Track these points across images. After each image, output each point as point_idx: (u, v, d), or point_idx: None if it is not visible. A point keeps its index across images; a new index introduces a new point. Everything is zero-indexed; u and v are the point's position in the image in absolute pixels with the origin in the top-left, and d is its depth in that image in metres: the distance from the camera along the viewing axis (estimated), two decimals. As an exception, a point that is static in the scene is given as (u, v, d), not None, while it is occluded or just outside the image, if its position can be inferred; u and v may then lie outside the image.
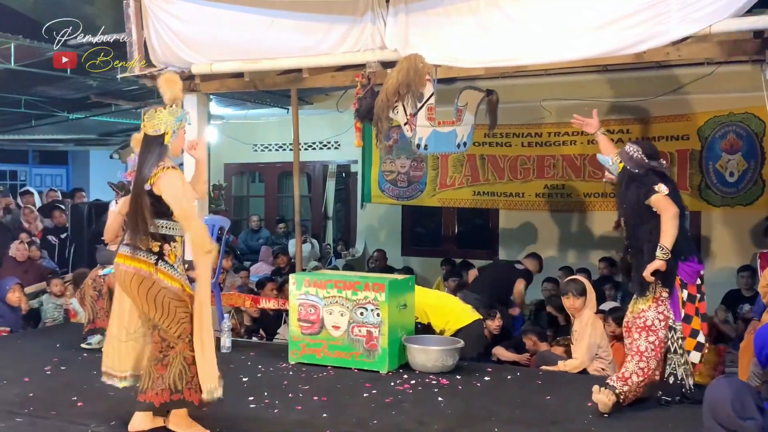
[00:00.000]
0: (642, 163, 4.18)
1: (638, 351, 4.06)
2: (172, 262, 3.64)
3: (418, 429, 3.85)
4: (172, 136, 3.65)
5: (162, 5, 6.21)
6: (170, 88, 3.71)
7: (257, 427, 3.85)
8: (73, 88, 8.50)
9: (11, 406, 4.14)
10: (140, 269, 3.56)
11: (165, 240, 3.62)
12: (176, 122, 3.66)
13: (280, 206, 11.92)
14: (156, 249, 3.59)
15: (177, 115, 3.68)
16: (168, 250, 3.62)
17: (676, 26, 4.61)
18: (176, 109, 3.70)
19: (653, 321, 4.07)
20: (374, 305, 4.98)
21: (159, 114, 3.67)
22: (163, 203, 3.56)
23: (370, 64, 5.65)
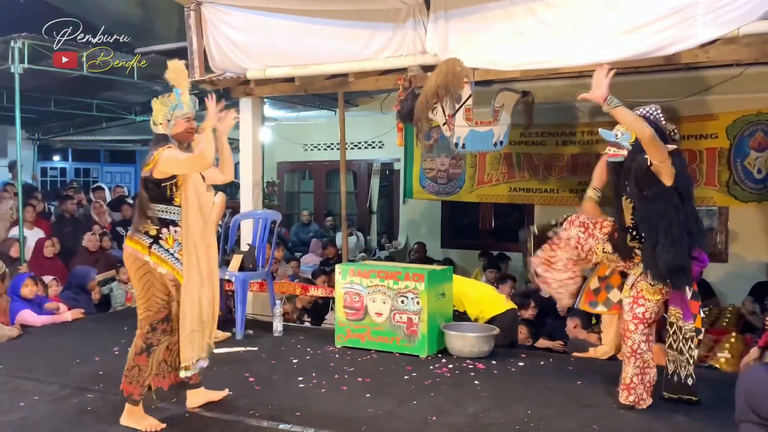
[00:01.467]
0: (660, 125, 3.62)
1: (633, 350, 3.76)
2: (168, 246, 3.52)
3: (455, 410, 3.84)
4: (168, 126, 3.54)
5: (220, 15, 6.29)
6: (175, 77, 3.60)
7: (306, 405, 3.89)
8: (140, 93, 8.69)
9: (83, 382, 4.25)
10: (136, 250, 3.49)
11: (164, 224, 3.52)
12: (170, 111, 3.53)
13: (328, 201, 11.98)
14: (153, 233, 3.50)
15: (170, 104, 3.54)
16: (166, 234, 3.52)
17: (705, 29, 4.50)
18: (169, 99, 3.56)
19: (652, 313, 3.75)
20: (414, 294, 4.98)
21: (154, 104, 3.58)
22: (161, 187, 3.49)
23: (411, 68, 5.64)
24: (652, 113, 3.71)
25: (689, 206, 3.65)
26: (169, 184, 3.51)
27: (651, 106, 3.79)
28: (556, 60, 5.15)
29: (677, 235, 3.55)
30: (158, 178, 3.47)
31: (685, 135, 7.92)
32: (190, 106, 3.60)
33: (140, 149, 14.35)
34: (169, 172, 3.47)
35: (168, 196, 3.52)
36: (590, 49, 4.94)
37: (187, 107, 3.57)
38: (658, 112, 3.73)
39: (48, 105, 9.19)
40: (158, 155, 3.43)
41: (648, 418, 3.71)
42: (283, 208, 11.38)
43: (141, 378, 3.52)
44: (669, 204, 3.56)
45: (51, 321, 5.90)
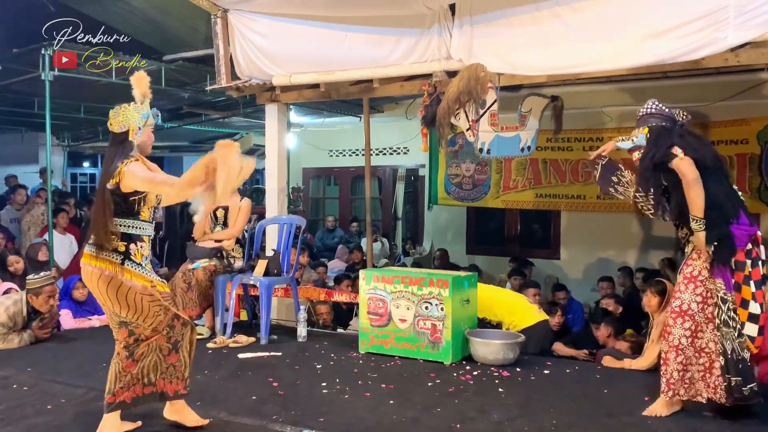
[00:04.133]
0: (664, 113, 3.77)
1: (673, 345, 3.66)
2: (139, 260, 3.39)
3: (479, 417, 3.81)
4: (137, 133, 3.41)
5: (246, 22, 6.35)
6: (139, 85, 3.49)
7: (330, 410, 3.88)
8: (168, 100, 8.79)
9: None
10: (104, 269, 3.31)
11: (131, 240, 3.38)
12: (142, 119, 3.44)
13: (353, 207, 12.00)
14: (122, 249, 3.35)
15: (142, 112, 3.45)
16: (134, 249, 3.38)
17: (735, 32, 4.42)
18: (142, 106, 3.46)
19: (689, 304, 3.64)
20: (438, 300, 4.96)
21: (124, 111, 3.44)
22: (129, 201, 3.34)
23: (436, 74, 5.64)
24: (653, 107, 3.85)
25: (713, 179, 3.61)
26: (137, 198, 3.37)
27: (648, 102, 3.91)
28: (582, 65, 5.11)
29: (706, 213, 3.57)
30: (125, 192, 3.32)
31: (714, 141, 7.79)
32: (156, 117, 3.61)
33: (168, 155, 14.54)
34: (133, 188, 3.31)
35: (135, 211, 3.39)
36: (617, 53, 4.89)
37: (153, 118, 3.55)
38: (656, 104, 3.87)
39: (78, 112, 9.34)
40: (123, 167, 3.27)
41: (676, 427, 3.64)
42: (308, 214, 11.43)
43: (179, 373, 3.52)
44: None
45: (80, 325, 5.98)
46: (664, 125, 3.76)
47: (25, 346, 5.30)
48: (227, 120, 10.26)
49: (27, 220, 8.50)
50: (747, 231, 3.62)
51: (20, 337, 5.32)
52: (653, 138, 3.74)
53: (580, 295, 8.05)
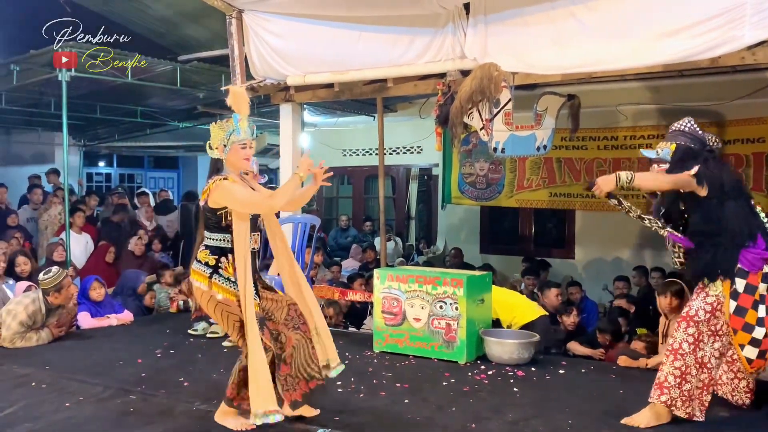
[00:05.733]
0: (696, 134, 3.71)
1: (673, 349, 3.58)
2: (229, 275, 3.44)
3: (494, 417, 3.80)
4: (223, 151, 3.47)
5: (261, 23, 6.37)
6: (233, 102, 3.55)
7: (345, 409, 3.89)
8: (183, 100, 8.84)
9: (126, 384, 4.32)
10: (199, 282, 3.47)
11: (222, 253, 3.46)
12: (226, 137, 3.46)
13: (367, 207, 12.01)
14: (212, 262, 3.45)
15: (227, 130, 3.48)
16: (225, 263, 3.45)
17: (751, 31, 4.39)
18: (227, 123, 3.50)
19: (697, 311, 3.58)
20: (453, 299, 4.95)
21: (212, 129, 3.54)
22: (219, 216, 3.43)
23: (450, 73, 5.64)
24: (687, 126, 3.78)
25: (730, 206, 3.59)
26: (224, 212, 3.44)
27: (684, 119, 3.83)
28: (597, 63, 5.09)
29: (716, 240, 3.58)
30: (213, 207, 3.43)
31: (731, 139, 7.76)
32: (248, 132, 3.52)
33: (183, 155, 14.62)
34: (222, 204, 3.41)
35: (224, 225, 3.45)
36: (633, 52, 4.87)
37: (244, 133, 3.50)
38: (692, 124, 3.79)
39: (94, 112, 9.41)
40: (213, 185, 3.40)
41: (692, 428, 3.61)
42: (322, 213, 11.44)
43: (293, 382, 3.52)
44: (705, 211, 3.61)
45: (98, 324, 6.03)
46: (692, 146, 3.70)
47: (43, 345, 5.36)
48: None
49: (44, 219, 8.57)
50: (761, 254, 3.59)
51: (38, 335, 5.38)
52: (678, 157, 3.68)
53: (596, 294, 8.02)
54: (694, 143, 3.71)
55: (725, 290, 3.59)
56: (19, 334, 5.30)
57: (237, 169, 3.52)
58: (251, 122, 3.58)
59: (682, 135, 3.75)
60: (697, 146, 3.72)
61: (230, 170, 3.49)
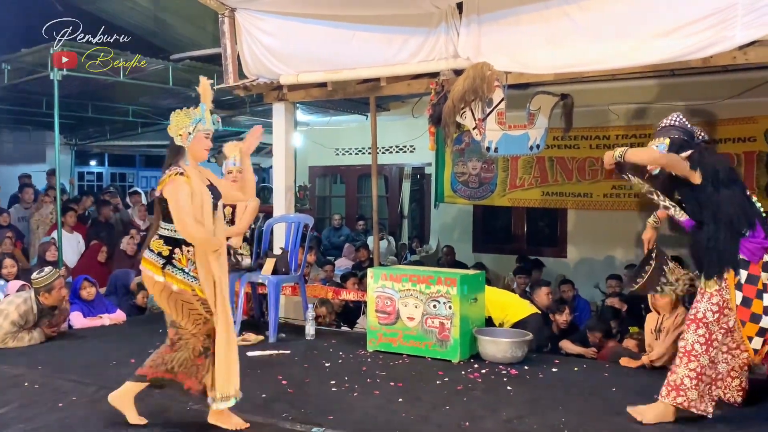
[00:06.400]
0: (686, 128, 3.76)
1: (686, 351, 3.60)
2: (182, 265, 3.41)
3: (488, 415, 3.82)
4: (187, 139, 3.44)
5: (254, 22, 6.36)
6: (204, 93, 3.54)
7: (339, 409, 3.89)
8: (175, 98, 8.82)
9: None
10: (151, 272, 3.44)
11: (176, 244, 3.42)
12: (191, 124, 3.44)
13: (360, 206, 12.02)
14: (166, 253, 3.42)
15: (193, 117, 3.45)
16: (178, 254, 3.42)
17: (743, 30, 4.41)
18: (194, 111, 3.47)
19: (705, 313, 3.59)
20: (446, 298, 4.97)
21: (176, 116, 3.48)
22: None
23: (443, 72, 5.64)
24: (677, 120, 3.83)
25: (725, 194, 3.61)
26: None
27: (673, 114, 3.87)
28: (590, 63, 5.10)
29: (713, 228, 3.60)
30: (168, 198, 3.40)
31: (722, 138, 7.80)
32: (212, 123, 3.53)
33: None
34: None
35: None
36: (625, 52, 4.89)
37: (209, 124, 3.51)
38: (681, 118, 3.84)
39: (85, 111, 9.37)
40: (168, 178, 3.38)
41: (685, 425, 3.64)
42: (315, 212, 11.44)
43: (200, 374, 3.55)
44: (700, 199, 3.64)
45: (90, 324, 6.01)
46: (684, 139, 3.74)
47: (35, 344, 5.33)
48: (234, 119, 10.28)
49: (36, 219, 8.54)
50: (761, 243, 3.58)
51: (30, 335, 5.35)
52: (674, 151, 3.70)
53: (588, 293, 8.05)
54: (686, 136, 3.76)
55: (730, 282, 3.58)
56: (11, 334, 5.28)
57: (197, 158, 3.53)
58: (214, 116, 3.59)
59: (674, 129, 3.79)
60: (688, 138, 3.77)
61: (189, 160, 3.49)
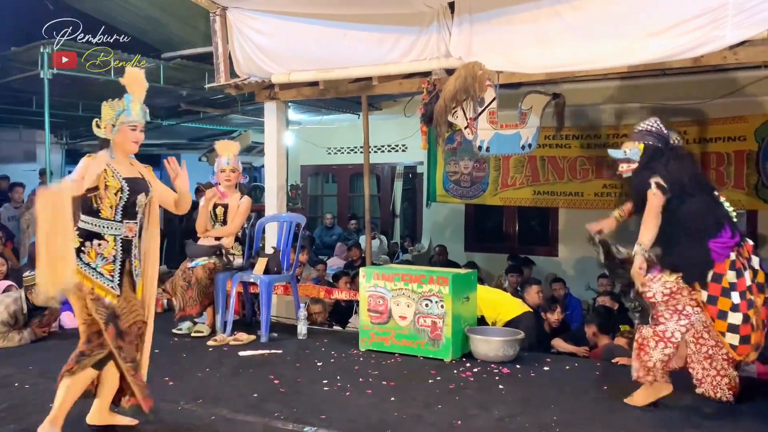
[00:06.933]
0: (662, 134, 3.86)
1: (665, 337, 3.76)
2: (90, 260, 3.28)
3: (480, 414, 3.82)
4: (111, 131, 3.36)
5: (245, 20, 6.34)
6: (130, 83, 3.42)
7: (331, 408, 3.89)
8: (166, 97, 8.78)
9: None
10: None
11: (88, 237, 3.30)
12: (115, 116, 3.35)
13: (352, 205, 12.01)
14: (77, 244, 3.26)
15: (117, 109, 3.36)
16: (88, 247, 3.28)
17: (734, 30, 4.42)
18: (119, 103, 3.37)
19: (654, 294, 3.79)
20: (438, 297, 4.97)
21: (103, 108, 3.39)
22: (87, 198, 3.30)
23: (435, 72, 5.64)
24: (653, 126, 3.93)
25: (692, 203, 3.74)
26: (92, 195, 3.31)
27: (651, 119, 3.98)
28: (581, 62, 5.11)
29: (678, 238, 3.75)
30: (86, 188, 3.26)
31: (712, 137, 7.84)
32: (139, 114, 3.41)
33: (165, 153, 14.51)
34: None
35: (93, 208, 3.32)
36: (617, 51, 4.90)
37: (136, 115, 3.39)
38: (658, 124, 3.94)
39: (76, 110, 9.32)
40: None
41: (677, 423, 3.66)
42: (307, 211, 11.43)
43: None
44: (669, 212, 3.74)
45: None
46: (658, 146, 3.85)
47: (25, 344, 5.30)
48: (226, 117, 10.26)
49: (26, 218, 8.48)
50: (727, 243, 3.69)
51: (21, 335, 5.32)
52: (646, 158, 3.86)
53: (579, 291, 8.07)
54: (660, 143, 3.86)
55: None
56: (1, 334, 5.24)
57: (125, 151, 3.44)
58: (143, 105, 3.45)
59: (649, 135, 3.89)
60: (663, 145, 3.86)
61: (117, 152, 3.39)
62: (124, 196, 3.36)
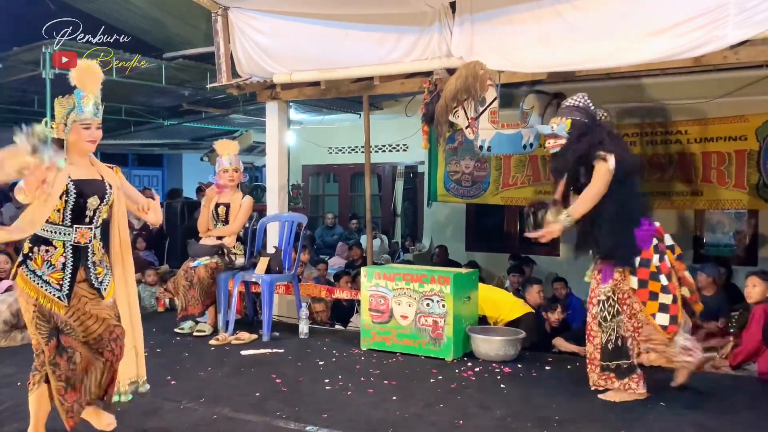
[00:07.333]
0: (589, 110, 3.94)
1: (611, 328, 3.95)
2: (36, 267, 3.05)
3: (481, 413, 3.83)
4: (63, 130, 3.08)
5: (247, 20, 6.34)
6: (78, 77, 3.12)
7: (332, 407, 3.90)
8: (168, 97, 8.79)
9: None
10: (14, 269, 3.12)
11: (37, 242, 3.07)
12: (65, 114, 3.08)
13: (353, 204, 12.01)
14: (26, 250, 3.09)
15: (67, 107, 3.09)
16: (36, 253, 3.06)
17: (735, 30, 4.41)
18: (69, 99, 3.10)
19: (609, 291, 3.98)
20: (440, 297, 4.97)
21: (56, 106, 3.12)
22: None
23: (436, 71, 5.64)
24: (581, 101, 3.99)
25: (628, 187, 3.85)
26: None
27: (578, 94, 4.05)
28: (582, 62, 5.12)
29: (614, 217, 3.84)
30: None
31: (713, 137, 7.83)
32: (92, 111, 3.11)
33: (167, 153, 14.55)
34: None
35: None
36: (617, 51, 4.90)
37: (88, 112, 3.10)
38: (586, 99, 4.02)
39: (78, 110, 9.30)
40: None
41: (678, 422, 3.67)
42: (308, 211, 11.44)
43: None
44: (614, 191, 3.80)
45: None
46: (585, 121, 3.91)
47: (27, 344, 5.30)
48: (227, 117, 10.26)
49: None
50: (649, 230, 3.87)
51: (23, 334, 5.33)
52: (576, 133, 3.89)
53: (581, 291, 8.06)
54: (588, 119, 3.92)
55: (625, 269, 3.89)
56: (4, 333, 5.26)
57: (81, 151, 3.15)
58: (97, 100, 3.15)
59: (576, 110, 3.94)
60: (590, 122, 3.93)
61: (72, 153, 3.11)
62: (71, 200, 3.07)
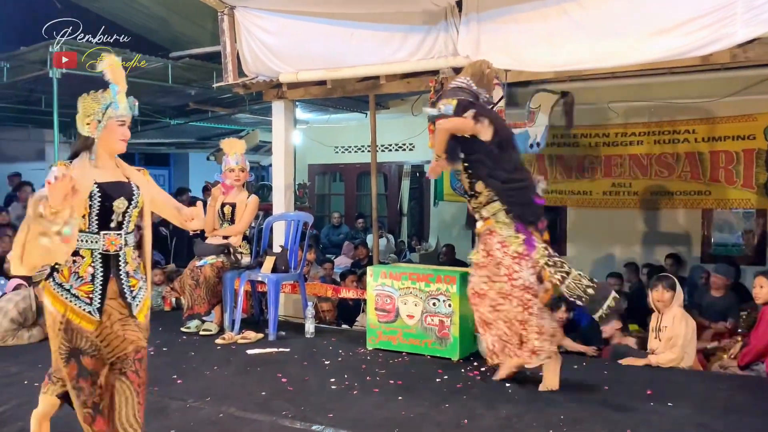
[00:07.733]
0: (472, 90, 4.08)
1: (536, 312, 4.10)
2: (63, 280, 2.78)
3: (487, 413, 3.82)
4: (97, 128, 2.82)
5: (253, 20, 6.35)
6: (111, 70, 2.88)
7: (338, 406, 3.90)
8: (174, 97, 8.81)
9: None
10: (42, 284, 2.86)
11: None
12: (101, 110, 2.83)
13: (359, 204, 12.02)
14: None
15: (103, 103, 2.84)
16: (63, 265, 2.78)
17: (743, 29, 4.40)
18: (103, 95, 2.86)
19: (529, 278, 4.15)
20: (446, 296, 4.97)
21: (84, 102, 2.87)
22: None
23: (443, 70, 5.64)
24: (464, 82, 4.15)
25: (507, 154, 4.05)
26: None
27: (462, 76, 4.21)
28: (589, 61, 5.10)
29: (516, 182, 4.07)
30: None
31: (721, 136, 7.80)
32: (127, 108, 2.90)
33: (174, 152, 14.57)
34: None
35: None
36: (624, 50, 4.89)
37: (123, 108, 2.88)
38: (468, 81, 4.15)
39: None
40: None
41: (684, 422, 3.65)
42: (314, 210, 11.44)
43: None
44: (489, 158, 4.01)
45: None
46: (470, 101, 4.04)
47: (34, 342, 5.33)
48: (233, 117, 10.28)
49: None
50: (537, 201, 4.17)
51: (30, 333, 5.35)
52: (461, 111, 4.00)
53: (587, 291, 8.03)
54: (472, 98, 4.07)
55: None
56: (11, 331, 5.28)
57: (111, 151, 2.91)
58: (131, 98, 2.95)
59: (460, 91, 4.10)
60: (474, 101, 4.07)
61: (101, 153, 2.87)
62: (95, 204, 2.80)
